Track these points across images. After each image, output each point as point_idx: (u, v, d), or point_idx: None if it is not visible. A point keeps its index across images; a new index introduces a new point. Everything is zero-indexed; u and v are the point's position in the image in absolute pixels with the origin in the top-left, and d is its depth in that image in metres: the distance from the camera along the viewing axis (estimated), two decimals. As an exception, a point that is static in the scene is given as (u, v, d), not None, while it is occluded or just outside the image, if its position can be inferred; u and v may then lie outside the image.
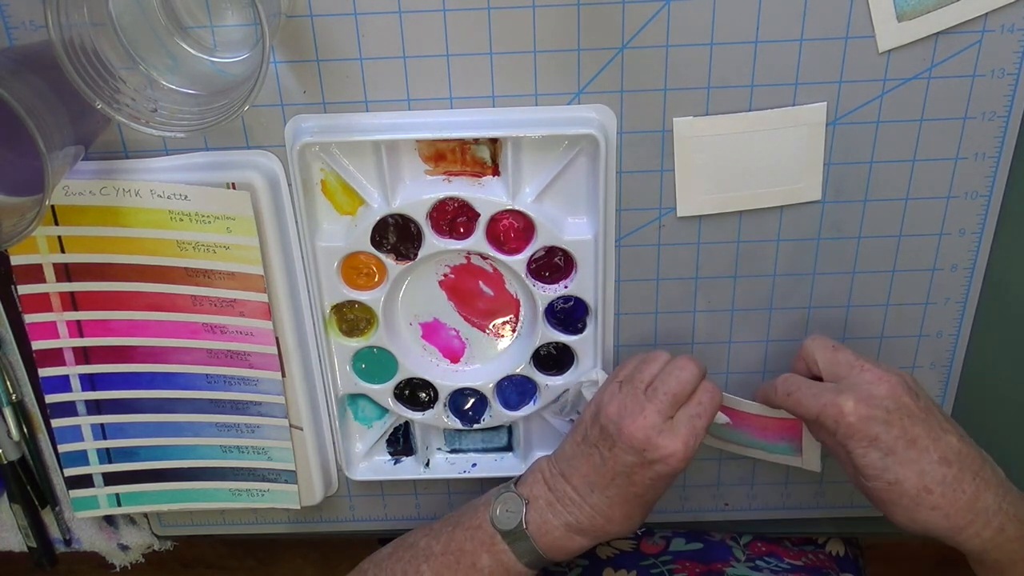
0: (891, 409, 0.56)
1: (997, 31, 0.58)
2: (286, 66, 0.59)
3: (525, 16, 0.57)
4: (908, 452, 0.55)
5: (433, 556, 0.63)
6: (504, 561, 0.62)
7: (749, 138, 0.61)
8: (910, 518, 0.56)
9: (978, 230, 0.65)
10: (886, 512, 0.57)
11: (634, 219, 0.64)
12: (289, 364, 0.67)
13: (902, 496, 0.56)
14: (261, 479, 0.71)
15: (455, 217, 0.62)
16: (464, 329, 0.68)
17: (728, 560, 0.73)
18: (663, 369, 0.60)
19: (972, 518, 0.55)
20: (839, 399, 0.56)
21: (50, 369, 0.67)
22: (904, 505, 0.56)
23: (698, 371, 0.59)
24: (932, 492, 0.55)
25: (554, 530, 0.61)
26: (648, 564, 0.71)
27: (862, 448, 0.56)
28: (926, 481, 0.55)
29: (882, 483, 0.56)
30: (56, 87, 0.50)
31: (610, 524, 0.61)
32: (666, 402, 0.58)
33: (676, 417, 0.58)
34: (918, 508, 0.56)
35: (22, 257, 0.63)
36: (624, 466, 0.58)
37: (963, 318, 0.68)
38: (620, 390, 0.60)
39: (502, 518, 0.62)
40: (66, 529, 0.80)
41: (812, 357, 0.60)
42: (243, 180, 0.60)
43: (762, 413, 0.64)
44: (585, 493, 0.60)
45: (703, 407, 0.59)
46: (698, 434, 0.58)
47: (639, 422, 0.57)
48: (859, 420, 0.55)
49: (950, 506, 0.55)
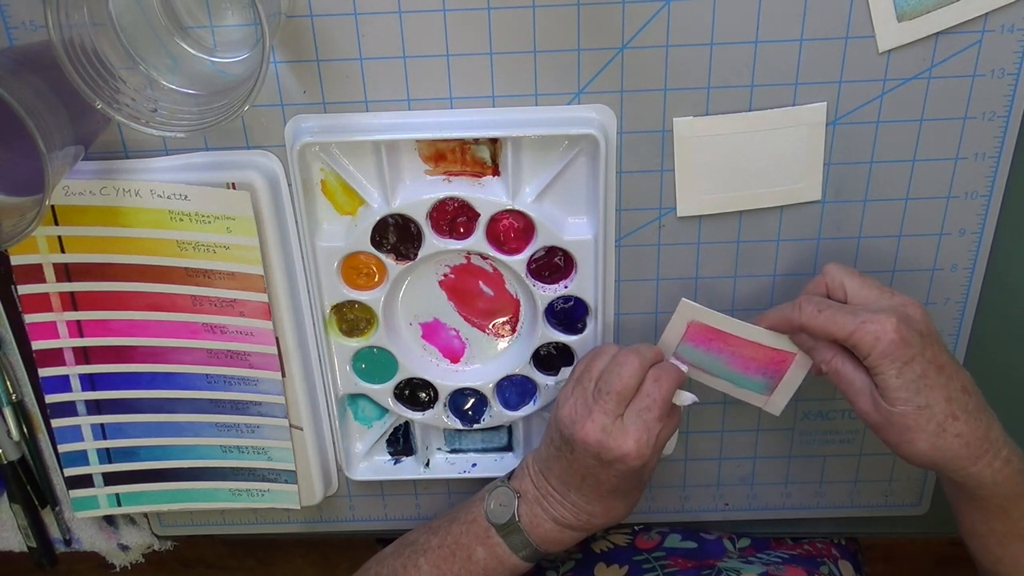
0: (924, 333, 0.55)
1: (997, 31, 0.58)
2: (286, 66, 0.59)
3: (525, 16, 0.57)
4: (939, 377, 0.55)
5: (431, 550, 0.64)
6: (499, 554, 0.62)
7: (749, 138, 0.61)
8: (932, 445, 0.55)
9: (978, 230, 0.65)
10: (904, 440, 0.56)
11: (634, 219, 0.64)
12: (289, 364, 0.67)
13: (930, 421, 0.54)
14: (261, 479, 0.71)
15: (455, 217, 0.62)
16: (464, 329, 0.68)
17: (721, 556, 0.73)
18: (607, 366, 0.59)
19: (987, 447, 0.55)
20: (880, 316, 0.54)
21: (50, 369, 0.67)
22: (931, 431, 0.55)
23: (639, 363, 0.58)
24: (958, 418, 0.55)
25: (544, 523, 0.62)
26: (641, 559, 0.71)
27: (896, 368, 0.54)
28: (953, 408, 0.55)
29: (912, 407, 0.54)
30: (56, 87, 0.50)
31: (594, 518, 0.61)
32: (611, 401, 0.57)
33: (625, 414, 0.58)
34: (943, 434, 0.55)
35: (22, 257, 0.63)
36: (587, 468, 0.59)
37: (963, 318, 0.68)
38: (572, 392, 0.60)
39: (496, 512, 0.63)
40: (66, 529, 0.80)
41: (838, 281, 0.58)
42: (243, 180, 0.60)
43: (760, 340, 0.61)
44: (563, 492, 0.61)
45: (651, 399, 0.58)
46: (650, 427, 0.57)
47: (588, 426, 0.57)
48: (900, 339, 0.54)
49: (971, 433, 0.55)
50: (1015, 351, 0.70)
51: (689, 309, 0.61)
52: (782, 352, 0.61)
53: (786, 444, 0.73)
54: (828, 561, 0.74)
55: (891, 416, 0.55)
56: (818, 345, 0.58)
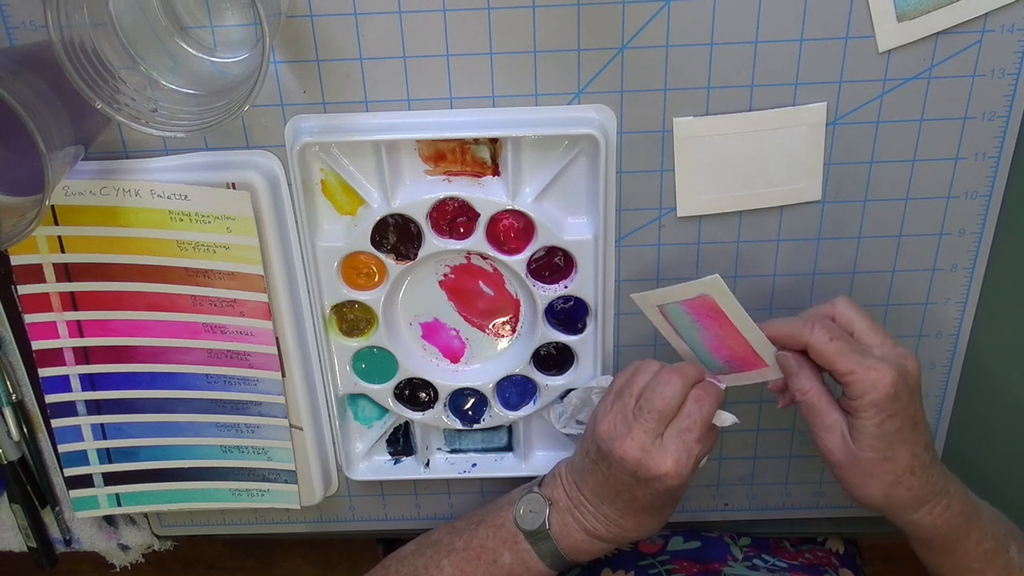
0: (913, 389, 0.56)
1: (997, 31, 0.58)
2: (286, 66, 0.59)
3: (525, 16, 0.57)
4: (912, 433, 0.56)
5: (455, 552, 0.64)
6: (525, 560, 0.62)
7: (749, 138, 0.61)
8: (885, 493, 0.57)
9: (978, 230, 0.65)
10: (860, 484, 0.57)
11: (634, 219, 0.64)
12: (289, 364, 0.67)
13: (890, 472, 0.56)
14: (261, 479, 0.71)
15: (455, 217, 0.62)
16: (464, 329, 0.68)
17: (725, 559, 0.73)
18: (648, 383, 0.58)
19: (932, 497, 0.58)
20: (883, 367, 0.55)
21: (50, 369, 0.67)
22: (888, 481, 0.57)
23: (682, 383, 0.58)
24: (915, 474, 0.57)
25: (575, 533, 0.61)
26: (646, 564, 0.71)
27: (880, 419, 0.55)
28: (914, 463, 0.57)
29: (879, 456, 0.56)
30: (56, 87, 0.50)
31: (625, 532, 0.61)
32: (652, 420, 0.57)
33: (665, 434, 0.57)
34: (898, 486, 0.57)
35: (22, 257, 0.63)
36: (623, 484, 0.58)
37: (963, 318, 0.68)
38: (612, 406, 0.59)
39: (525, 518, 0.62)
40: (66, 529, 0.80)
41: (847, 317, 0.58)
42: (243, 180, 0.60)
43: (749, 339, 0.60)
44: (596, 504, 0.61)
45: (692, 419, 0.57)
46: (690, 448, 0.57)
47: (627, 444, 0.57)
48: (894, 393, 0.55)
49: (922, 487, 0.57)
50: (1015, 351, 0.70)
51: (716, 289, 0.58)
52: (758, 358, 0.60)
53: (786, 444, 0.73)
54: (830, 570, 0.74)
55: (855, 459, 0.57)
56: (801, 374, 0.58)
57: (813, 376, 0.58)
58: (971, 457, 0.74)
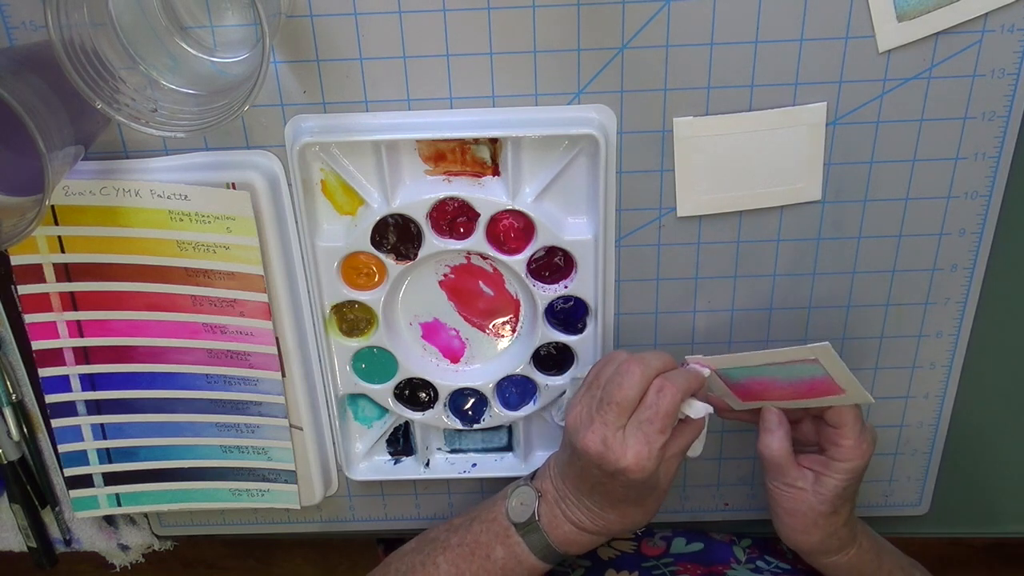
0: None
1: (997, 31, 0.58)
2: (286, 66, 0.59)
3: (525, 16, 0.57)
4: (855, 492, 0.62)
5: (450, 548, 0.64)
6: (517, 553, 0.62)
7: (749, 138, 0.61)
8: (820, 540, 0.63)
9: (978, 230, 0.65)
10: (800, 528, 0.62)
11: (634, 219, 0.64)
12: (289, 364, 0.67)
13: (831, 524, 0.62)
14: (261, 479, 0.71)
15: (455, 217, 0.62)
16: (464, 329, 0.68)
17: (728, 562, 0.73)
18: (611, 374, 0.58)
19: (850, 543, 0.64)
20: (870, 438, 0.61)
21: (50, 369, 0.67)
22: (827, 531, 0.62)
23: (640, 372, 0.56)
24: (847, 525, 0.63)
25: (563, 525, 0.61)
26: (650, 566, 0.71)
27: (848, 482, 0.60)
28: (846, 517, 0.62)
29: (829, 509, 0.61)
30: (56, 87, 0.50)
31: (610, 524, 0.61)
32: (612, 412, 0.56)
33: (627, 426, 0.56)
34: (832, 536, 0.62)
35: (22, 257, 0.63)
36: (594, 477, 0.58)
37: (963, 318, 0.68)
38: (581, 398, 0.59)
39: (516, 510, 0.62)
40: (66, 529, 0.80)
41: (841, 420, 0.60)
42: (243, 180, 0.60)
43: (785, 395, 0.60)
44: (577, 496, 0.61)
45: (653, 411, 0.56)
46: (651, 440, 0.55)
47: (588, 436, 0.56)
48: (868, 464, 0.61)
49: (847, 536, 0.63)
50: (1015, 351, 0.70)
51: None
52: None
53: (786, 444, 0.73)
54: None
55: (810, 510, 0.61)
56: (779, 432, 0.61)
57: (788, 435, 0.61)
58: (971, 457, 0.74)
